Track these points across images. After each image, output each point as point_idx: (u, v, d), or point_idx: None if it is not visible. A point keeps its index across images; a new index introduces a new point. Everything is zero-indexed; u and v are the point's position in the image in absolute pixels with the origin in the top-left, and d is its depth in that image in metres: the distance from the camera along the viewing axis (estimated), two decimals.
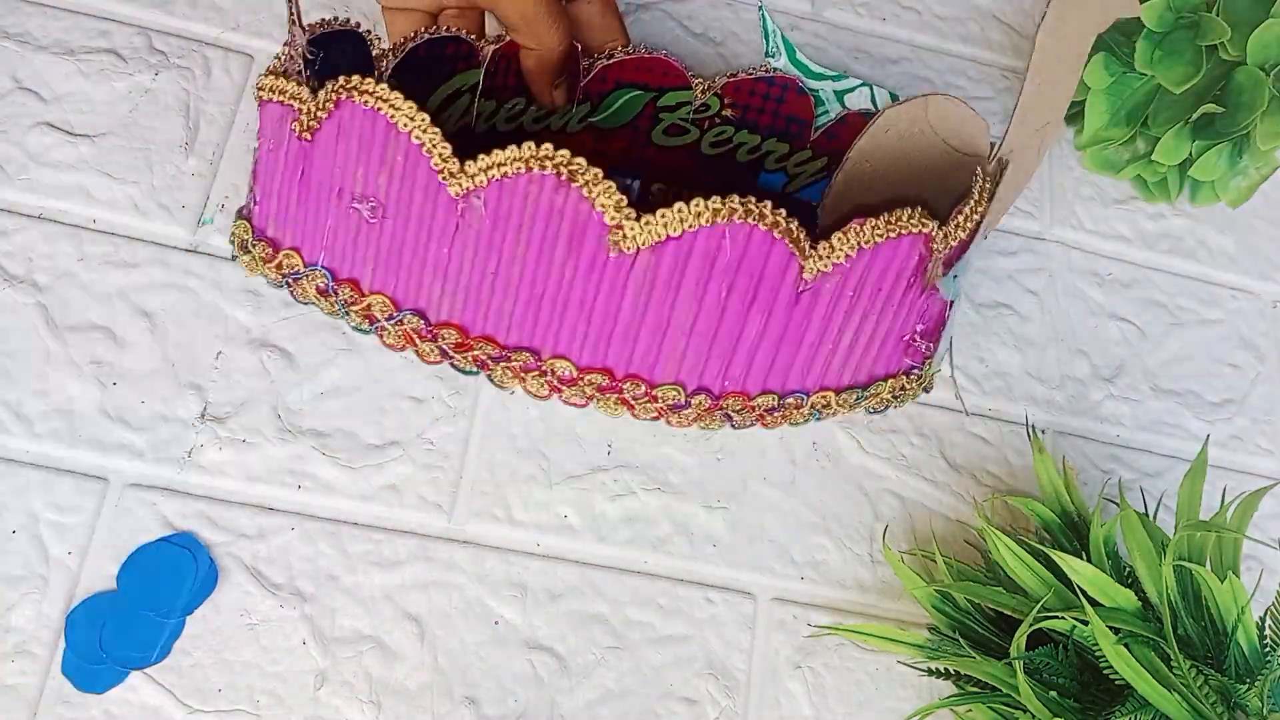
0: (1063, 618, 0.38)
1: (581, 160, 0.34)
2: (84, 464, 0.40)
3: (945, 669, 0.42)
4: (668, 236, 0.35)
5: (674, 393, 0.40)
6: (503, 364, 0.40)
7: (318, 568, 0.41)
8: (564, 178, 0.34)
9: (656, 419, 0.41)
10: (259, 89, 0.38)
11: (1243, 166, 0.53)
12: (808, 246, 0.36)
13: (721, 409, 0.41)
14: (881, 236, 0.36)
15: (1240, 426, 0.53)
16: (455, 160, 0.35)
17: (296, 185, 0.38)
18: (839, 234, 0.36)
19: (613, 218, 0.35)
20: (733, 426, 0.42)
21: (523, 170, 0.34)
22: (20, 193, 0.44)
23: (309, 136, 0.37)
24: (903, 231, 0.37)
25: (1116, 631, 0.37)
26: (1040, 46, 0.38)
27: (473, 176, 0.35)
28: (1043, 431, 0.50)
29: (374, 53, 0.41)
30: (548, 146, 0.34)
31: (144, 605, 0.39)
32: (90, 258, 0.43)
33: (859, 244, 0.36)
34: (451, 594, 0.42)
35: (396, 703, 0.40)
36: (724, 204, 0.35)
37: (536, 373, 0.40)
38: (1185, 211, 0.57)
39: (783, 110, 0.49)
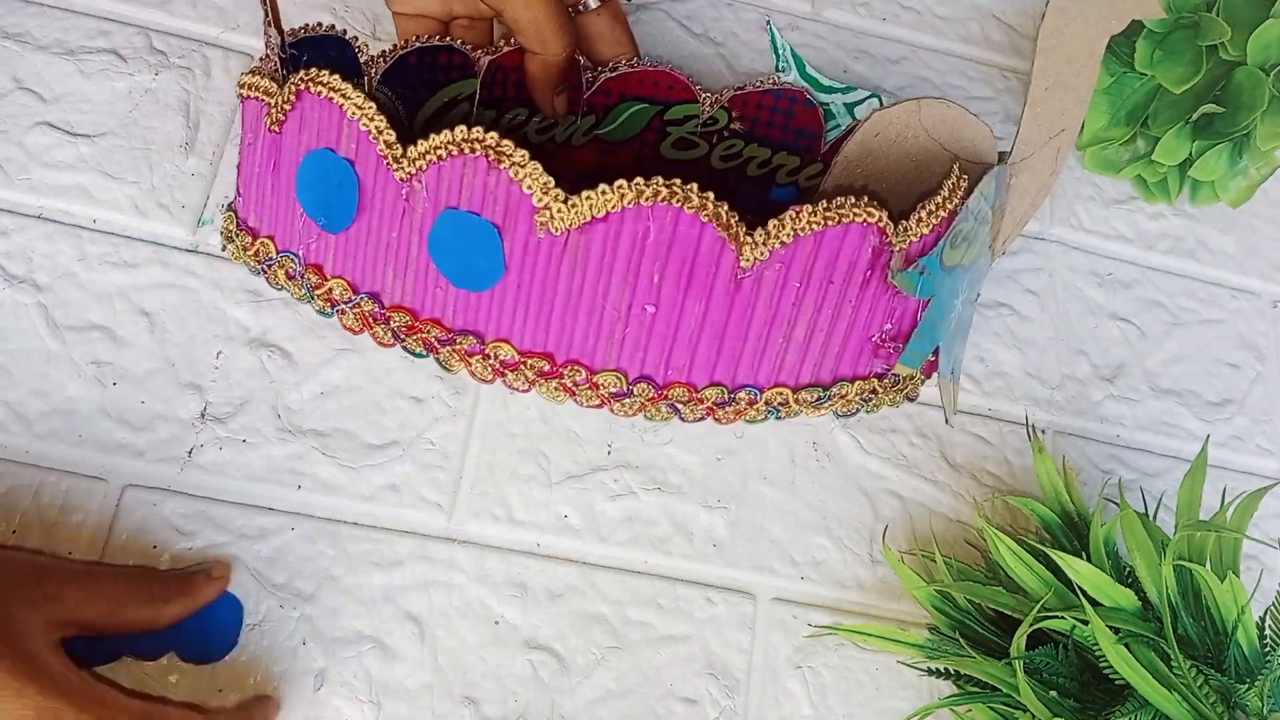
0: (1063, 618, 0.38)
1: (509, 143, 0.35)
2: (84, 464, 0.40)
3: (945, 669, 0.42)
4: (593, 217, 0.35)
5: (614, 380, 0.40)
6: (449, 347, 0.41)
7: (318, 568, 0.41)
8: (493, 159, 0.35)
9: (600, 407, 0.41)
10: (240, 87, 0.40)
11: (1243, 166, 0.53)
12: (742, 232, 0.36)
13: (666, 399, 0.41)
14: (820, 224, 0.36)
15: (1240, 426, 0.53)
16: (399, 145, 0.36)
17: (270, 175, 0.40)
18: (775, 220, 0.36)
19: (540, 199, 0.35)
20: (681, 419, 0.42)
21: (455, 153, 0.35)
22: (20, 193, 0.44)
23: (277, 129, 0.38)
24: (844, 219, 0.36)
25: (1116, 631, 0.37)
26: (1042, 49, 0.38)
27: (414, 161, 0.36)
28: (1043, 431, 0.50)
29: (362, 59, 0.41)
30: (479, 129, 0.35)
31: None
32: (90, 258, 0.43)
33: (795, 230, 0.36)
34: (451, 594, 0.42)
35: (396, 703, 0.40)
36: (648, 185, 0.35)
37: (480, 356, 0.40)
38: (1185, 211, 0.57)
39: (791, 123, 0.48)
